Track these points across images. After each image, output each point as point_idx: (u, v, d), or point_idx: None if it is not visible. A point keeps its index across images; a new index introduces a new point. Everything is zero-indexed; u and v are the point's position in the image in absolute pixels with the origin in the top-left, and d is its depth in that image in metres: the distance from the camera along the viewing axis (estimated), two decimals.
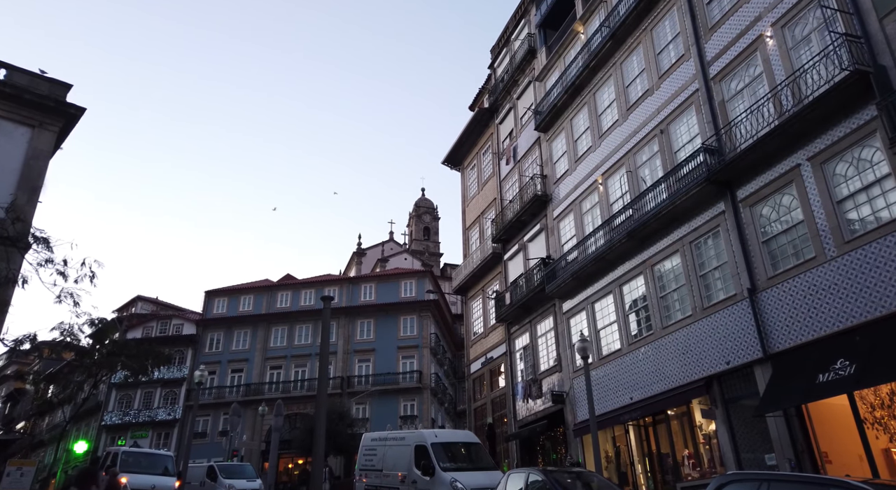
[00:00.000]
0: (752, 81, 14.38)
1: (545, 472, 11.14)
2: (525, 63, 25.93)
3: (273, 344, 47.84)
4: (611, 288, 18.11)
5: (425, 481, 14.03)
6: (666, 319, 15.88)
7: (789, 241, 12.90)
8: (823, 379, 10.99)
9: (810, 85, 12.40)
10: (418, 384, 44.03)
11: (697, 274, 15.08)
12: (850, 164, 11.86)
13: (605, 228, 18.40)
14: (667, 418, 15.93)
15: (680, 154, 16.27)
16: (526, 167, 24.63)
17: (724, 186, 14.41)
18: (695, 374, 14.49)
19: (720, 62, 15.31)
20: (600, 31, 20.41)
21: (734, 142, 14.17)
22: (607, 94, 20.05)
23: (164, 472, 19.89)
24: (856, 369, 10.46)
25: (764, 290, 13.10)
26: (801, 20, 13.32)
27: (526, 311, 22.37)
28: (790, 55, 13.38)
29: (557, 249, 21.25)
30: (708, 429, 14.59)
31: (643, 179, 17.53)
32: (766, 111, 13.43)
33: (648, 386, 15.91)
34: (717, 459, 14.03)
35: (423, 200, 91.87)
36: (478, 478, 13.71)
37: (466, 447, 15.71)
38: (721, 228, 14.56)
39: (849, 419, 11.21)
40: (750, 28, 14.52)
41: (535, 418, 20.95)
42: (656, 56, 17.88)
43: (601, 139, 19.85)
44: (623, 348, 17.22)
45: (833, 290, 11.57)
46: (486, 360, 25.93)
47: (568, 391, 19.29)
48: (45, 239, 10.98)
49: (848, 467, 11.08)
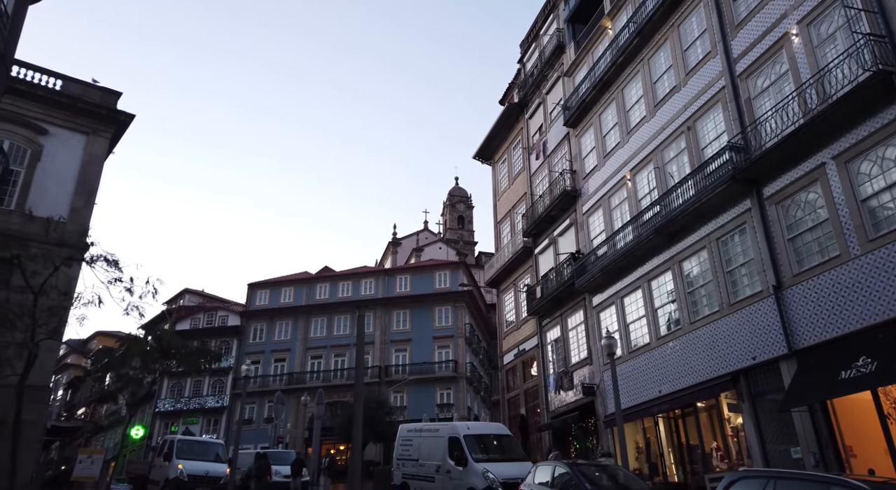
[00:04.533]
0: (778, 79, 14.45)
1: (571, 466, 11.71)
2: (554, 58, 26.12)
3: (313, 334, 49.38)
4: (639, 283, 18.42)
5: (459, 471, 14.77)
6: (693, 315, 16.16)
7: (814, 238, 13.05)
8: (846, 375, 11.22)
9: (835, 84, 12.47)
10: (454, 373, 44.90)
11: (724, 270, 15.31)
12: (875, 163, 11.94)
13: (633, 224, 18.68)
14: (695, 411, 16.28)
15: (707, 151, 16.42)
16: (555, 162, 24.92)
17: (750, 184, 14.56)
18: (722, 369, 14.78)
19: (747, 59, 15.37)
20: (628, 27, 20.50)
21: (760, 140, 14.29)
22: (635, 91, 20.19)
23: (215, 459, 21.20)
24: (877, 367, 10.67)
25: (789, 287, 13.29)
26: (826, 18, 13.33)
27: (557, 304, 22.82)
28: (815, 53, 13.42)
29: (587, 244, 21.59)
30: (735, 422, 14.90)
31: (671, 176, 17.72)
32: (792, 109, 13.51)
33: (677, 379, 16.25)
34: (744, 452, 14.35)
35: (457, 189, 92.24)
36: (509, 469, 14.37)
37: (498, 439, 16.38)
38: (747, 226, 14.74)
39: (873, 414, 11.42)
40: (776, 25, 14.55)
41: (567, 409, 21.47)
42: (683, 53, 17.96)
43: (629, 135, 20.04)
44: (652, 342, 17.56)
45: (856, 289, 11.73)
46: (518, 351, 26.51)
47: (598, 383, 19.74)
48: (115, 261, 12.64)
49: (872, 462, 11.32)
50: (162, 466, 20.05)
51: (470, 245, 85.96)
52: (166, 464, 19.82)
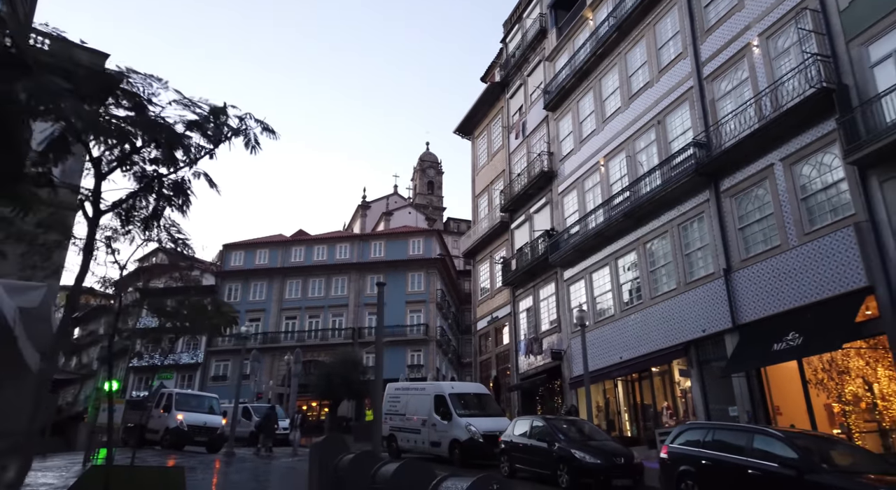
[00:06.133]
0: (739, 85, 16.19)
1: (546, 419, 13.72)
2: (536, 42, 27.35)
3: (288, 296, 50.61)
4: (608, 261, 20.36)
5: (444, 425, 16.69)
6: (654, 291, 18.20)
7: (760, 229, 15.06)
8: (778, 347, 13.34)
9: (786, 95, 14.27)
10: (425, 336, 47.00)
11: (683, 253, 17.30)
12: (814, 167, 13.89)
13: (604, 207, 20.49)
14: (650, 375, 18.51)
15: (674, 144, 18.19)
16: (534, 143, 26.46)
17: (709, 178, 16.43)
18: (676, 339, 16.90)
19: (713, 63, 17.04)
20: (608, 20, 21.88)
21: (721, 138, 16.10)
22: (612, 82, 21.73)
23: (209, 411, 22.70)
24: (803, 341, 12.79)
25: (737, 270, 15.33)
26: (783, 33, 15.03)
27: (530, 276, 24.72)
28: (772, 64, 15.16)
29: (561, 222, 23.39)
30: (684, 385, 17.14)
31: (641, 164, 19.50)
32: (749, 114, 15.31)
33: (636, 347, 18.38)
34: (690, 410, 16.62)
35: (428, 154, 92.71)
36: (488, 423, 16.34)
37: (478, 397, 18.33)
38: (705, 214, 16.67)
39: (797, 380, 13.66)
40: (740, 35, 16.20)
41: (536, 372, 23.63)
42: (657, 51, 19.51)
43: (604, 123, 21.67)
44: (616, 314, 19.63)
45: (791, 274, 13.79)
46: (492, 318, 28.51)
47: (566, 349, 21.85)
48: None
49: (795, 418, 13.59)
50: (161, 417, 21.46)
51: (439, 210, 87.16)
52: (165, 415, 21.23)
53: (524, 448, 13.26)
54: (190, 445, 20.99)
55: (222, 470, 15.05)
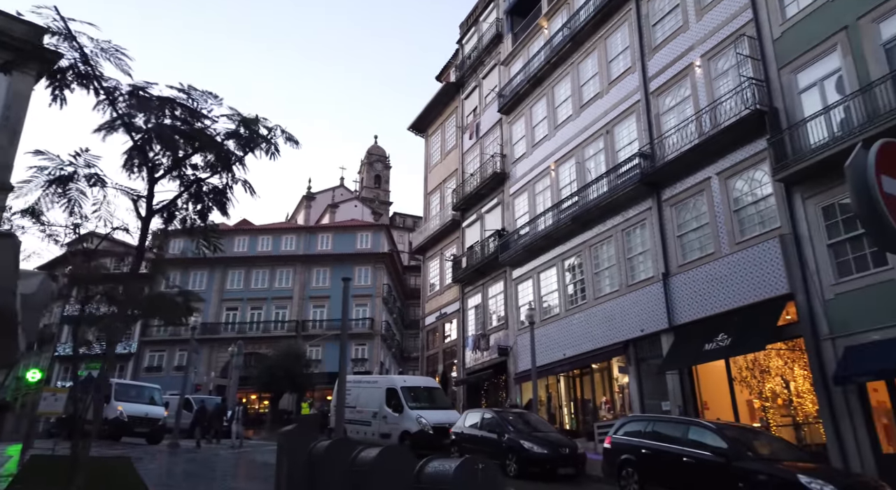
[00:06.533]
0: (681, 101, 17.34)
1: (496, 412, 14.42)
2: (492, 46, 28.03)
3: (230, 286, 49.63)
4: (555, 262, 21.29)
5: (395, 417, 17.16)
6: (598, 292, 19.23)
7: (697, 237, 16.24)
8: (708, 347, 14.49)
9: (724, 114, 15.45)
10: (370, 330, 47.23)
11: (626, 257, 18.37)
12: (746, 182, 15.13)
13: (554, 210, 21.39)
14: (591, 372, 19.55)
15: (621, 154, 19.23)
16: (487, 144, 27.16)
17: (653, 187, 17.51)
18: (616, 338, 17.95)
19: (659, 80, 18.14)
20: (562, 30, 22.78)
21: (664, 151, 17.20)
22: (564, 90, 22.65)
23: (150, 402, 22.25)
24: (731, 342, 13.96)
25: (674, 275, 16.47)
26: (723, 55, 16.22)
27: (480, 274, 25.44)
28: (712, 84, 16.34)
29: (511, 223, 24.21)
30: (622, 381, 18.23)
31: (589, 171, 20.48)
32: (690, 130, 16.46)
33: (579, 345, 19.36)
34: (627, 405, 17.72)
35: (376, 148, 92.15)
36: (438, 415, 16.93)
37: (428, 391, 18.90)
38: (647, 221, 17.77)
39: (724, 378, 14.88)
40: (684, 55, 17.34)
41: (482, 367, 24.39)
42: (608, 63, 20.52)
43: (556, 129, 22.57)
44: (561, 313, 20.58)
45: (722, 281, 14.98)
46: (440, 314, 29.10)
47: (512, 346, 22.69)
48: None
49: (720, 413, 14.81)
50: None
51: (386, 205, 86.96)
52: (105, 405, 20.69)
53: (475, 439, 13.90)
54: (129, 437, 20.59)
55: (173, 461, 14.98)
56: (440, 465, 4.39)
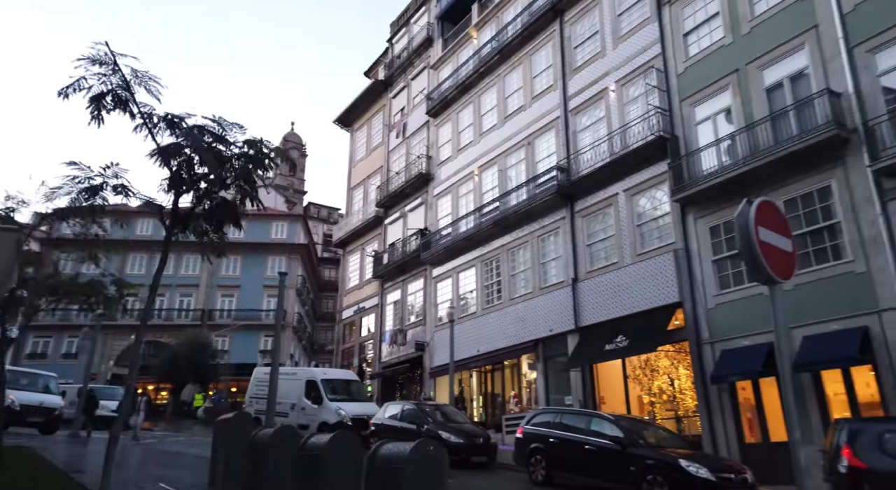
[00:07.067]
0: (596, 122, 18.92)
1: (416, 404, 15.26)
2: (422, 49, 28.76)
3: (130, 271, 46.92)
4: (474, 262, 22.43)
5: (314, 409, 17.58)
6: (513, 293, 20.53)
7: (603, 247, 17.85)
8: (608, 348, 16.09)
9: (632, 137, 17.11)
10: (281, 322, 46.55)
11: (540, 261, 19.77)
12: (649, 200, 16.86)
13: (476, 213, 22.51)
14: (502, 367, 20.87)
15: (540, 165, 20.61)
16: (414, 145, 27.90)
17: (567, 198, 18.98)
18: (527, 337, 19.31)
19: (577, 99, 19.64)
20: (491, 42, 23.91)
21: (579, 166, 18.72)
22: (490, 100, 23.80)
23: (44, 390, 21.17)
24: (628, 343, 15.61)
25: (582, 280, 18.01)
26: (635, 83, 17.90)
27: (401, 271, 26.18)
28: (624, 109, 18.00)
29: (434, 223, 25.11)
30: (530, 377, 19.66)
31: (510, 179, 21.74)
32: (602, 149, 18.04)
33: (493, 342, 20.59)
34: (534, 399, 19.14)
35: (292, 135, 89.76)
36: (356, 407, 17.55)
37: (347, 383, 19.43)
38: (561, 230, 19.23)
39: (620, 375, 16.57)
40: (600, 79, 18.91)
41: (398, 361, 25.18)
42: (532, 79, 21.85)
43: (481, 136, 23.69)
44: (478, 312, 21.75)
45: (623, 288, 16.64)
46: (358, 308, 29.56)
47: (429, 341, 23.64)
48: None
49: (615, 406, 16.46)
50: None
51: (300, 193, 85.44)
52: None
53: (394, 429, 14.66)
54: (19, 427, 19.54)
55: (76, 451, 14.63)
56: (394, 448, 5.11)
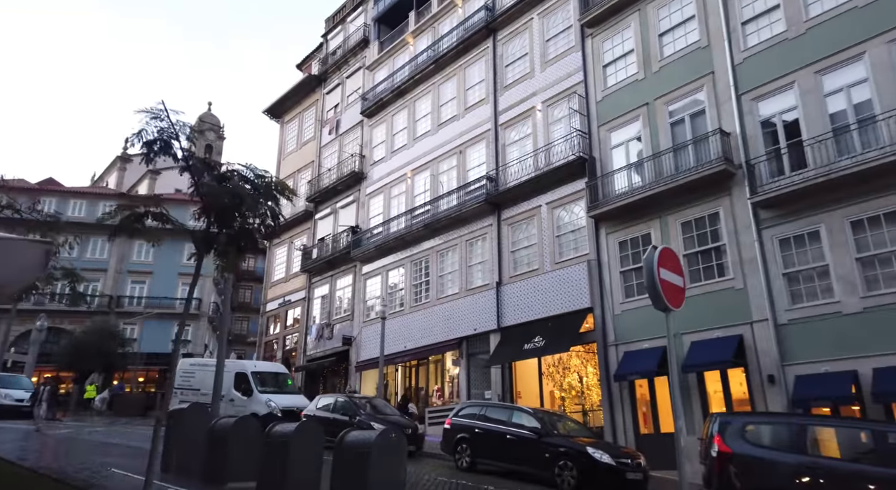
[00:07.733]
0: (523, 137, 20.44)
1: (347, 396, 16.12)
2: (358, 49, 29.28)
3: None
4: (404, 262, 23.45)
5: (244, 400, 18.02)
6: (440, 293, 21.76)
7: (526, 254, 19.42)
8: (527, 347, 17.65)
9: (556, 155, 18.74)
10: (196, 311, 45.65)
11: (467, 264, 21.10)
12: (568, 214, 18.56)
13: (407, 215, 23.51)
14: (427, 363, 22.08)
15: (471, 173, 21.90)
16: (347, 143, 28.44)
17: (495, 207, 20.39)
18: (452, 335, 20.61)
19: (506, 115, 21.08)
20: (427, 51, 24.91)
21: (506, 177, 20.17)
22: (425, 106, 24.83)
23: None
24: (545, 343, 17.23)
25: (506, 284, 19.50)
26: (559, 106, 19.54)
27: (330, 266, 26.74)
28: (549, 128, 19.61)
29: (366, 221, 25.87)
30: (453, 372, 20.99)
31: (442, 184, 22.91)
32: (528, 163, 19.57)
33: (419, 339, 21.74)
34: (456, 393, 20.49)
35: (209, 115, 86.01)
36: (286, 399, 18.16)
37: (277, 376, 19.94)
38: (488, 236, 20.63)
39: (535, 372, 18.20)
40: (528, 98, 20.44)
41: (324, 355, 25.79)
42: (465, 91, 23.09)
43: (415, 141, 24.68)
44: (406, 309, 22.81)
45: (542, 292, 18.26)
46: (284, 301, 29.78)
47: (356, 336, 24.45)
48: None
49: (530, 401, 18.07)
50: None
51: None
52: None
53: (326, 420, 15.40)
54: None
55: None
56: (360, 435, 6.08)
